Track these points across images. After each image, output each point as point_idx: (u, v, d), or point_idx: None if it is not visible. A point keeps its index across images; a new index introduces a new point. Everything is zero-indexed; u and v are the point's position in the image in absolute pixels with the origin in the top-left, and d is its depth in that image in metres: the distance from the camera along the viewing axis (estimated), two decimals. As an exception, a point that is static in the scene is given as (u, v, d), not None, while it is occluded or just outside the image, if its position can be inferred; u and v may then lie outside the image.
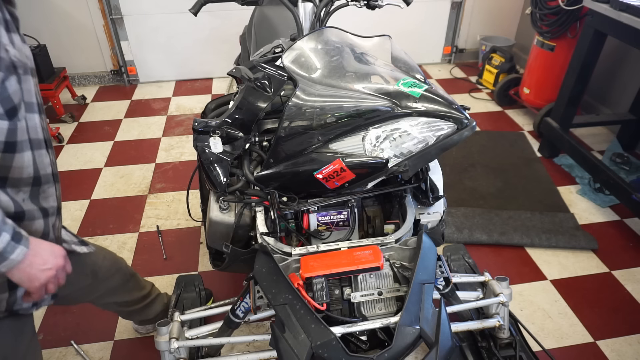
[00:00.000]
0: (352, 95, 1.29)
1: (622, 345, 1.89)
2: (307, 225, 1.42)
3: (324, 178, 1.31)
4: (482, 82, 3.98)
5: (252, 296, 1.29)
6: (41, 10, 3.57)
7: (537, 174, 2.86)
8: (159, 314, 1.84)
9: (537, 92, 3.28)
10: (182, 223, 2.52)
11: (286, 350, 1.12)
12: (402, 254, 1.36)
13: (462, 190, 2.72)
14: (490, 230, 2.39)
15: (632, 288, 2.14)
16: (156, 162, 3.04)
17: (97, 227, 2.49)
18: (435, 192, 1.49)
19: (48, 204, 1.04)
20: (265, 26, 2.13)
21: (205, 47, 3.95)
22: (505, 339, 1.59)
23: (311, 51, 1.39)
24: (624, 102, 3.15)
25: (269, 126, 1.48)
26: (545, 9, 2.96)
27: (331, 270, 1.24)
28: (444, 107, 1.26)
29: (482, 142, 3.16)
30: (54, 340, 1.91)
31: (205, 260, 2.27)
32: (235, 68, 1.45)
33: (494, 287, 1.57)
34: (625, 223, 2.51)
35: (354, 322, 1.24)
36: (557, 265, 2.26)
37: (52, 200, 1.06)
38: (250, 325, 1.96)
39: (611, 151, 3.00)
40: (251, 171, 1.41)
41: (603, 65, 3.21)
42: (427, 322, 1.17)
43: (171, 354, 1.37)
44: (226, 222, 1.44)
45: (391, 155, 1.28)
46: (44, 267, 0.94)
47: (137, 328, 1.94)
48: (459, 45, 4.32)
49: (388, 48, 1.49)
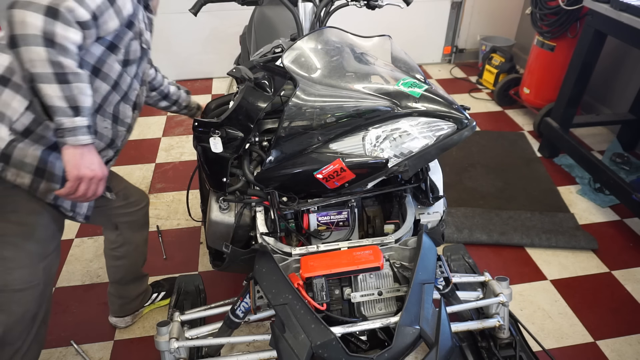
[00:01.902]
0: (352, 95, 1.29)
1: (622, 345, 1.89)
2: (307, 225, 1.42)
3: (324, 178, 1.31)
4: (482, 82, 3.98)
5: (252, 296, 1.29)
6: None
7: (537, 174, 2.86)
8: (139, 296, 1.93)
9: (537, 92, 3.28)
10: (182, 223, 2.52)
11: (286, 350, 1.12)
12: (402, 254, 1.36)
13: (462, 190, 2.72)
14: (490, 230, 2.39)
15: (632, 288, 2.14)
16: (156, 162, 3.04)
17: (97, 227, 2.48)
18: (435, 192, 1.49)
19: (125, 117, 1.37)
20: (265, 26, 2.13)
21: (205, 47, 3.95)
22: (505, 339, 1.59)
23: (311, 51, 1.39)
24: (624, 102, 3.15)
25: (269, 126, 1.48)
26: (545, 9, 2.96)
27: (331, 270, 1.24)
28: (444, 107, 1.26)
29: (482, 142, 3.16)
30: (54, 340, 1.91)
31: (205, 260, 2.27)
32: (235, 68, 1.45)
33: (494, 287, 1.57)
34: (625, 223, 2.51)
35: (354, 322, 1.24)
36: (557, 265, 2.26)
37: (128, 119, 1.39)
38: (250, 325, 1.96)
39: (611, 151, 3.00)
40: (251, 171, 1.41)
41: (603, 65, 3.21)
42: (427, 322, 1.17)
43: (171, 354, 1.37)
44: (226, 222, 1.44)
45: (391, 155, 1.28)
46: (89, 166, 1.10)
47: (116, 322, 1.95)
48: (459, 45, 4.32)
49: (388, 48, 1.50)
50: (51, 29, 0.97)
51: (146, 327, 1.98)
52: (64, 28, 0.98)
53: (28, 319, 1.27)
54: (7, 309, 1.21)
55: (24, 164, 1.16)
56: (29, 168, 1.17)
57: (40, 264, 1.27)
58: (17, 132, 1.14)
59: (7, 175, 1.15)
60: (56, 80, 0.99)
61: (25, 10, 0.95)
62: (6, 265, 1.20)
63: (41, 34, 0.96)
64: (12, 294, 1.21)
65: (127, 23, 1.18)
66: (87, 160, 1.09)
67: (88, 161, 1.09)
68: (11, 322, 1.23)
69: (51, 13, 0.96)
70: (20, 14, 0.95)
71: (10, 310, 1.22)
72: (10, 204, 1.21)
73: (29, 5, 0.96)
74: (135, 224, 1.74)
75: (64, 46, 0.99)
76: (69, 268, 2.24)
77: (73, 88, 1.02)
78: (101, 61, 1.18)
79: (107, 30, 1.13)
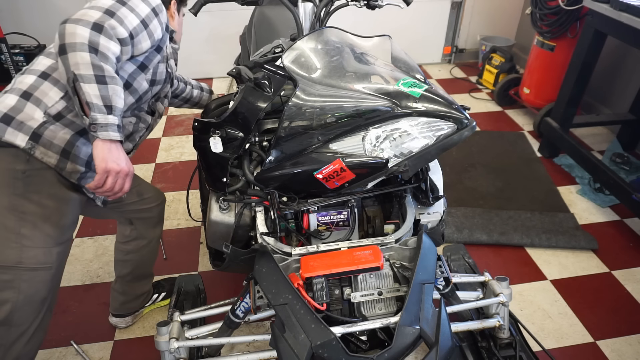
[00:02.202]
0: (352, 95, 1.29)
1: (622, 345, 1.89)
2: (307, 225, 1.42)
3: (324, 178, 1.31)
4: (482, 82, 3.98)
5: (252, 296, 1.29)
6: (41, 10, 3.57)
7: (537, 174, 2.86)
8: (142, 295, 1.94)
9: (537, 92, 3.28)
10: (182, 223, 2.52)
11: (286, 350, 1.12)
12: (402, 254, 1.36)
13: (462, 190, 2.72)
14: (490, 230, 2.39)
15: (632, 288, 2.14)
16: (156, 162, 3.04)
17: (97, 227, 2.49)
18: (435, 192, 1.49)
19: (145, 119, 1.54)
20: (265, 26, 2.13)
21: (205, 47, 3.95)
22: (505, 339, 1.59)
23: (311, 51, 1.39)
24: (624, 102, 3.15)
25: (269, 126, 1.48)
26: (545, 9, 2.96)
27: (331, 270, 1.24)
28: (444, 107, 1.26)
29: (482, 142, 3.16)
30: (54, 340, 1.91)
31: (205, 260, 2.27)
32: (235, 68, 1.45)
33: (494, 287, 1.57)
34: (625, 223, 2.51)
35: (354, 322, 1.24)
36: (557, 265, 2.26)
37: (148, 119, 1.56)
38: (250, 325, 1.96)
39: (611, 151, 3.00)
40: (251, 171, 1.41)
41: (603, 65, 3.21)
42: (427, 322, 1.17)
43: (171, 354, 1.37)
44: (226, 222, 1.44)
45: (391, 155, 1.28)
46: (116, 160, 1.20)
47: (116, 322, 1.95)
48: (459, 45, 4.32)
49: (388, 48, 1.50)
50: (96, 40, 1.16)
51: (146, 327, 1.98)
52: (106, 40, 1.18)
53: (37, 301, 1.32)
54: (18, 287, 1.27)
55: (52, 145, 1.27)
56: (56, 149, 1.28)
57: (55, 249, 1.34)
58: (50, 116, 1.27)
59: (35, 152, 1.26)
60: (96, 80, 1.16)
61: (76, 24, 1.15)
62: (22, 243, 1.27)
63: (87, 42, 1.15)
64: (25, 272, 1.27)
65: (157, 47, 1.39)
66: (115, 155, 1.20)
67: (115, 156, 1.20)
68: (20, 301, 1.28)
69: (97, 28, 1.17)
70: (71, 27, 1.15)
71: (21, 288, 1.27)
72: (35, 185, 1.29)
73: (79, 21, 1.16)
74: (149, 221, 1.78)
75: (105, 54, 1.18)
76: (69, 268, 2.24)
77: (109, 89, 1.18)
78: (132, 77, 1.37)
79: (140, 49, 1.32)
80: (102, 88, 1.17)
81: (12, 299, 1.27)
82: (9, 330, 1.28)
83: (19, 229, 1.27)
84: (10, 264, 1.25)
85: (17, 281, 1.27)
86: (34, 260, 1.28)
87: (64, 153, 1.29)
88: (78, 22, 1.16)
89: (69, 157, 1.30)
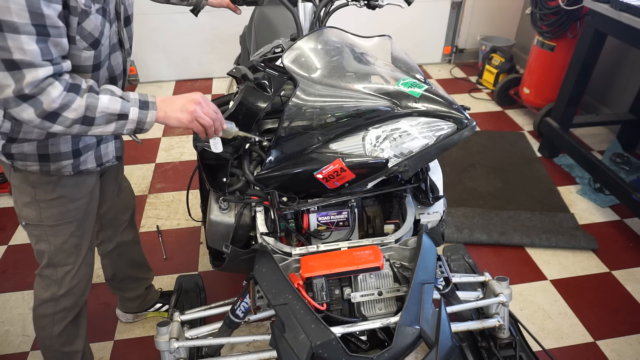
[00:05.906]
0: (352, 95, 1.29)
1: (622, 345, 1.89)
2: (307, 225, 1.42)
3: (324, 178, 1.31)
4: (482, 82, 3.98)
5: (252, 296, 1.29)
6: None
7: (537, 174, 2.86)
8: (137, 299, 1.92)
9: (537, 92, 3.28)
10: (182, 223, 2.52)
11: (286, 350, 1.12)
12: (402, 254, 1.36)
13: (462, 190, 2.72)
14: (490, 230, 2.39)
15: (632, 288, 2.14)
16: (156, 162, 3.04)
17: (97, 227, 2.49)
18: (435, 192, 1.49)
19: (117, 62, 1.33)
20: (265, 26, 2.13)
21: (205, 47, 3.95)
22: (505, 339, 1.59)
23: (311, 51, 1.39)
24: (624, 102, 3.15)
25: (269, 126, 1.48)
26: (545, 9, 2.96)
27: (331, 270, 1.24)
28: (444, 107, 1.26)
29: (482, 142, 3.16)
30: (54, 340, 1.91)
31: (205, 260, 2.27)
32: (235, 68, 1.45)
33: (494, 287, 1.57)
34: (625, 223, 2.51)
35: (354, 322, 1.24)
36: (557, 265, 2.26)
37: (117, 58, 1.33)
38: (250, 325, 1.96)
39: (611, 151, 3.00)
40: (251, 171, 1.41)
41: (603, 65, 3.20)
42: (427, 322, 1.17)
43: (171, 354, 1.37)
44: (226, 222, 1.44)
45: (391, 155, 1.28)
46: (180, 108, 1.15)
47: (120, 315, 1.98)
48: (459, 45, 4.32)
49: (388, 48, 1.50)
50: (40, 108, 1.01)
51: (146, 327, 1.98)
52: (44, 96, 1.00)
53: (70, 247, 1.43)
54: (47, 240, 1.39)
55: (27, 156, 1.26)
56: (33, 158, 1.26)
57: (70, 205, 1.37)
58: (5, 135, 1.22)
59: (17, 165, 1.27)
60: (92, 122, 1.07)
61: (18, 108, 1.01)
62: (40, 206, 1.34)
63: (40, 119, 1.02)
64: (48, 228, 1.37)
65: (63, 15, 1.04)
66: (176, 110, 1.15)
67: (177, 109, 1.15)
68: (53, 250, 1.41)
69: (23, 97, 0.98)
70: (15, 112, 1.02)
71: (50, 240, 1.39)
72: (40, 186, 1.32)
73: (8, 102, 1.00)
74: (119, 225, 1.73)
75: (59, 110, 1.02)
76: (69, 268, 2.24)
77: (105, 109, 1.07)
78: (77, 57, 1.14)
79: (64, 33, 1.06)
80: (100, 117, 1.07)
81: (46, 249, 1.40)
82: (55, 269, 1.44)
83: (34, 195, 1.33)
84: (35, 222, 1.36)
85: (44, 235, 1.39)
86: (52, 219, 1.36)
87: (42, 158, 1.26)
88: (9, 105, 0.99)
89: (49, 159, 1.27)
